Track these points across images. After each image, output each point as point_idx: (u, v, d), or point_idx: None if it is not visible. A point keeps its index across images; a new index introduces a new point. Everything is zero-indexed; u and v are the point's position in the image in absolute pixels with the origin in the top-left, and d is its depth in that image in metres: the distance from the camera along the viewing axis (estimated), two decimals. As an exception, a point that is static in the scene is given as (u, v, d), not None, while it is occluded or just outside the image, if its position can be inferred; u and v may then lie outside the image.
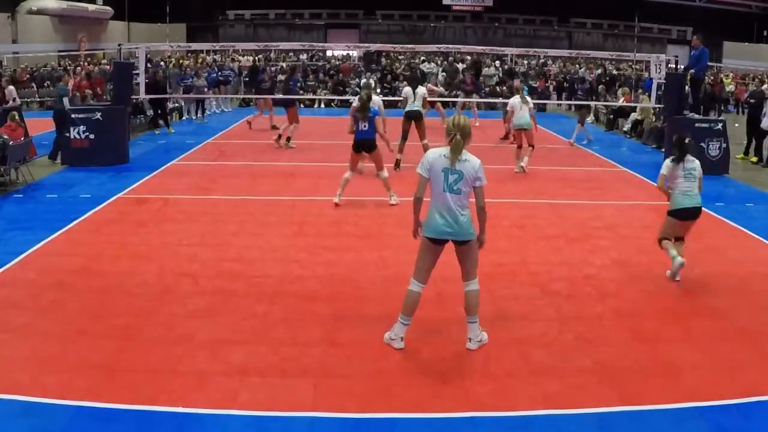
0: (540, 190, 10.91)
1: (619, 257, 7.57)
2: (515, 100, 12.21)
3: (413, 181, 5.21)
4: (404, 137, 12.01)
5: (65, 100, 12.53)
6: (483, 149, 14.25)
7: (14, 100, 16.24)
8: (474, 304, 5.17)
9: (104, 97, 16.25)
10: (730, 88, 26.50)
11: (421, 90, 12.34)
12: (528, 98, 12.69)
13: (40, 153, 12.18)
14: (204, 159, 13.20)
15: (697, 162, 6.79)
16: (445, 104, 17.90)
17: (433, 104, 15.84)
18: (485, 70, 24.88)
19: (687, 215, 6.70)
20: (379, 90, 19.41)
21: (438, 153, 4.97)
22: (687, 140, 6.80)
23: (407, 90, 12.43)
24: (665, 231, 6.82)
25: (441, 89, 19.51)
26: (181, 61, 27.39)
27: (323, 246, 7.70)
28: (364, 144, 9.43)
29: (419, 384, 4.72)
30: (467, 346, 5.24)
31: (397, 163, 11.81)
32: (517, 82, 18.40)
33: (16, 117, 11.60)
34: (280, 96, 15.49)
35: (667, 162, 6.81)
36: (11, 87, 16.58)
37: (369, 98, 9.49)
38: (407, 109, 12.16)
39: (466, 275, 5.17)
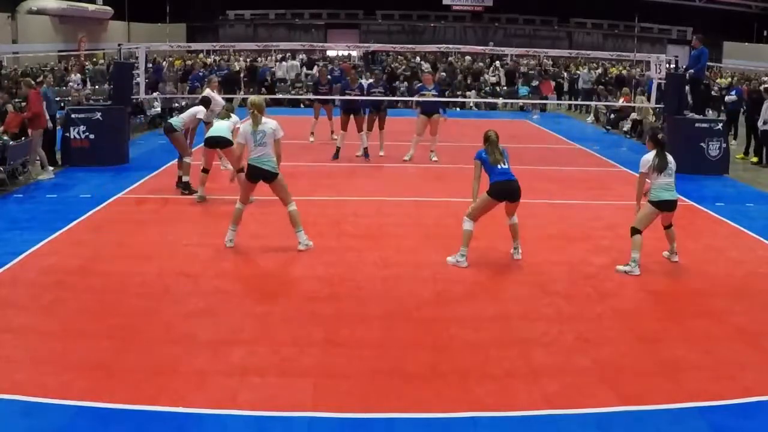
0: (540, 190, 10.89)
1: (619, 257, 7.56)
2: None
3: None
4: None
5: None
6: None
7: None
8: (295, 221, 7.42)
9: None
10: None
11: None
12: None
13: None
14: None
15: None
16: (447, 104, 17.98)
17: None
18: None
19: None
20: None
21: (247, 124, 7.32)
22: (660, 135, 7.24)
23: None
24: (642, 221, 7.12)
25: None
26: (180, 62, 27.36)
27: (323, 246, 7.69)
28: None
29: (419, 384, 4.71)
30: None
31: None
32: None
33: (12, 108, 11.38)
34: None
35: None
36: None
37: None
38: None
39: (283, 202, 7.50)
